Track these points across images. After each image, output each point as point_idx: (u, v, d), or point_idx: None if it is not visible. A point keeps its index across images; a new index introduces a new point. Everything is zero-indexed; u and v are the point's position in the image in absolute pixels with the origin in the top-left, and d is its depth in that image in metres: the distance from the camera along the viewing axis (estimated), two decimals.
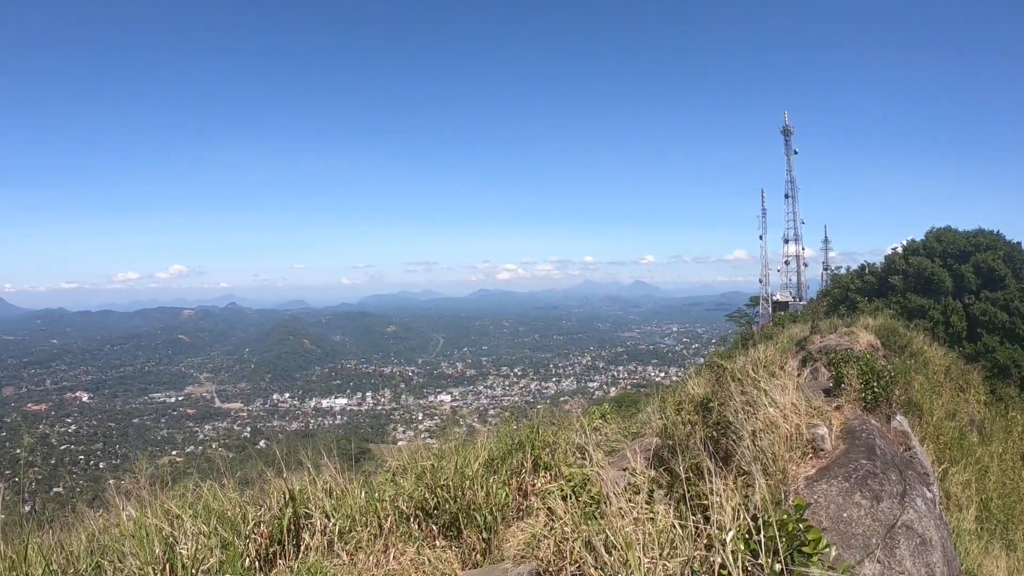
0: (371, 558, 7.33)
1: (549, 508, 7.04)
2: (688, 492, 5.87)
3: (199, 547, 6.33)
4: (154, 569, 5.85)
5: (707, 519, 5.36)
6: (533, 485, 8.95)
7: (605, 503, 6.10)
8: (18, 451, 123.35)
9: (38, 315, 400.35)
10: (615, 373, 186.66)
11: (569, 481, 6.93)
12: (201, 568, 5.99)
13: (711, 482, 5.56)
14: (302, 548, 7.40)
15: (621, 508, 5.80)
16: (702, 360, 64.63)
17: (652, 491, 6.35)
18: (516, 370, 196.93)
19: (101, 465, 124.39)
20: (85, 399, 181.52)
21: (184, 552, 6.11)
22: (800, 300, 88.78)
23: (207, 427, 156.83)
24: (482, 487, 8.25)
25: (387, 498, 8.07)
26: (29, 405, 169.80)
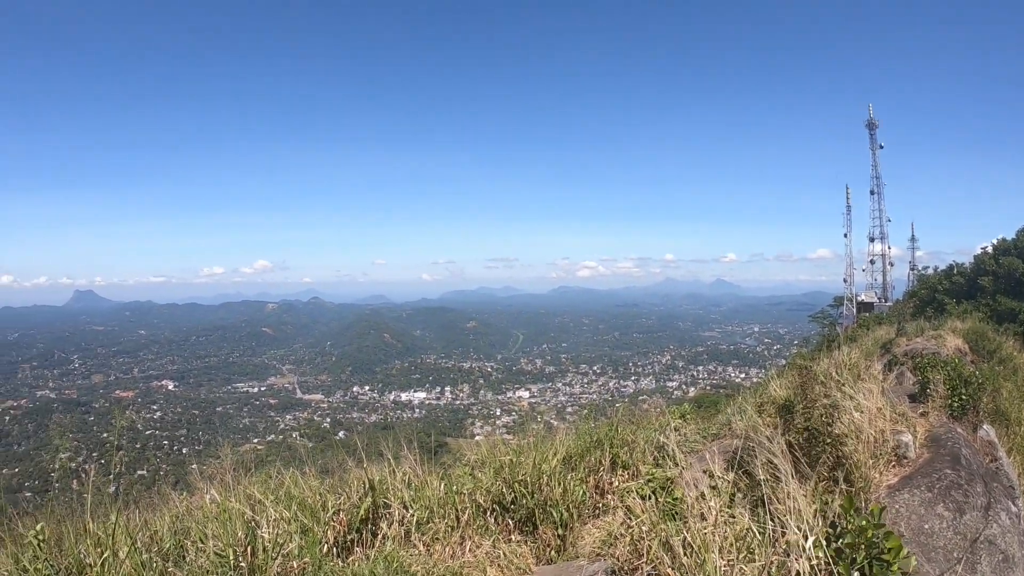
0: (447, 550, 7.40)
1: (627, 507, 6.99)
2: (766, 496, 5.80)
3: (280, 532, 6.43)
4: (236, 551, 5.95)
5: (785, 524, 5.29)
6: (610, 483, 8.91)
7: (684, 504, 6.06)
8: (105, 435, 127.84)
9: (127, 307, 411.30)
10: (694, 373, 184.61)
11: (649, 481, 6.88)
12: (281, 552, 6.08)
13: (790, 487, 5.50)
14: (379, 537, 7.49)
15: (700, 510, 5.76)
16: (783, 362, 63.65)
17: (732, 494, 6.29)
18: (595, 368, 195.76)
19: (184, 451, 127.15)
20: (171, 387, 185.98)
21: (265, 536, 6.21)
22: (885, 301, 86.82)
23: (288, 417, 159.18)
24: (559, 484, 8.25)
25: (465, 491, 8.13)
26: (117, 392, 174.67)
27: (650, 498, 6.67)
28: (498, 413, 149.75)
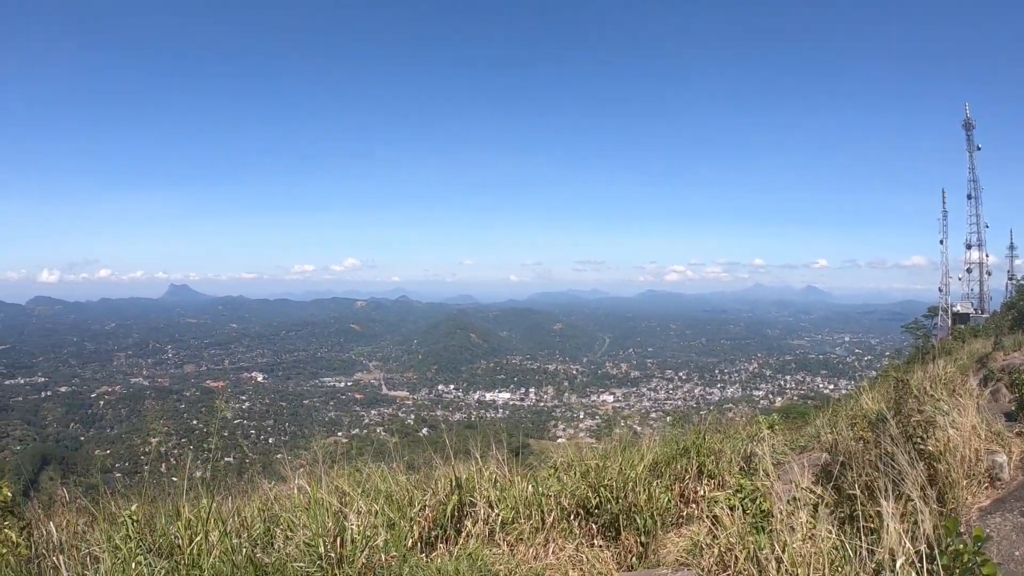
0: (531, 551, 7.40)
1: (714, 517, 6.92)
2: (855, 512, 5.70)
3: (367, 525, 6.50)
4: (325, 541, 6.03)
5: (875, 543, 5.19)
6: (695, 492, 8.81)
7: (773, 517, 5.97)
8: (195, 422, 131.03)
9: (220, 301, 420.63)
10: (782, 382, 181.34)
11: (738, 491, 6.79)
12: (369, 544, 6.14)
13: (881, 504, 5.39)
14: (463, 534, 7.51)
15: (790, 523, 5.68)
16: (874, 373, 62.23)
17: (819, 509, 6.19)
18: (681, 374, 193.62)
19: (270, 440, 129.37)
20: (260, 379, 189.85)
21: (354, 528, 6.28)
22: (982, 312, 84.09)
23: (373, 412, 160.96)
24: (644, 490, 8.14)
25: (552, 493, 8.09)
26: (208, 382, 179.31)
27: (737, 509, 6.59)
28: (581, 416, 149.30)
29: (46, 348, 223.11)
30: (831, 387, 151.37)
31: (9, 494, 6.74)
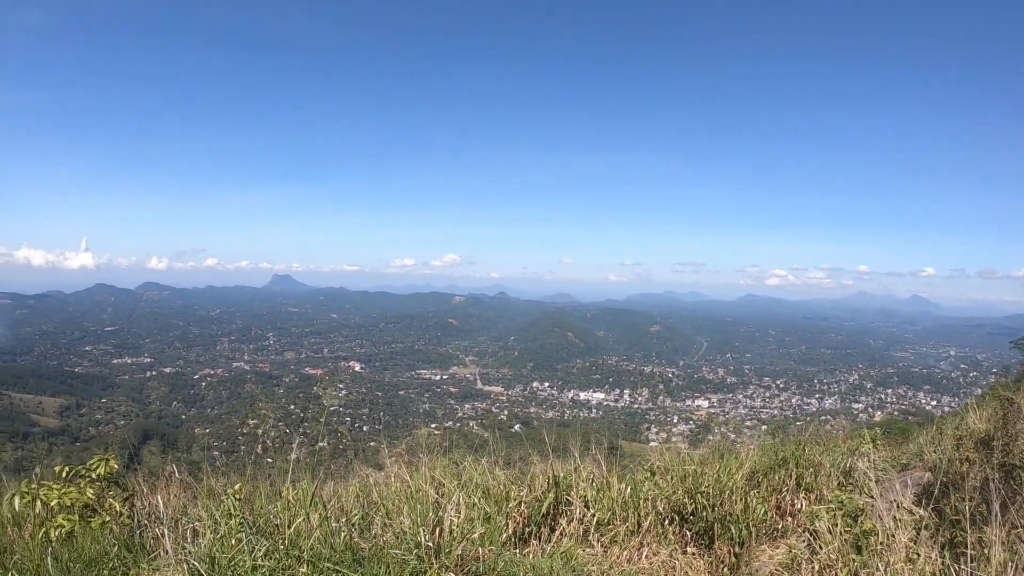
0: (624, 554, 7.36)
1: (812, 531, 6.84)
2: (956, 537, 5.58)
3: (465, 517, 6.58)
4: (424, 530, 6.12)
5: (978, 569, 5.08)
6: (792, 504, 8.69)
7: (874, 536, 5.88)
8: (292, 407, 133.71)
9: (321, 292, 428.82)
10: (882, 396, 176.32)
11: (840, 507, 6.68)
12: (466, 537, 6.22)
13: (985, 530, 5.29)
14: (557, 532, 7.54)
15: (890, 544, 5.59)
16: (979, 391, 60.42)
17: (919, 530, 6.06)
18: (778, 382, 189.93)
19: (364, 428, 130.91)
20: (357, 368, 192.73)
21: (453, 519, 6.37)
22: None
23: (467, 406, 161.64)
24: (741, 499, 8.06)
25: (649, 497, 8.07)
26: (307, 369, 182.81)
27: (838, 525, 6.50)
28: (675, 421, 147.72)
29: (153, 331, 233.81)
30: (933, 403, 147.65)
31: (115, 466, 7.02)
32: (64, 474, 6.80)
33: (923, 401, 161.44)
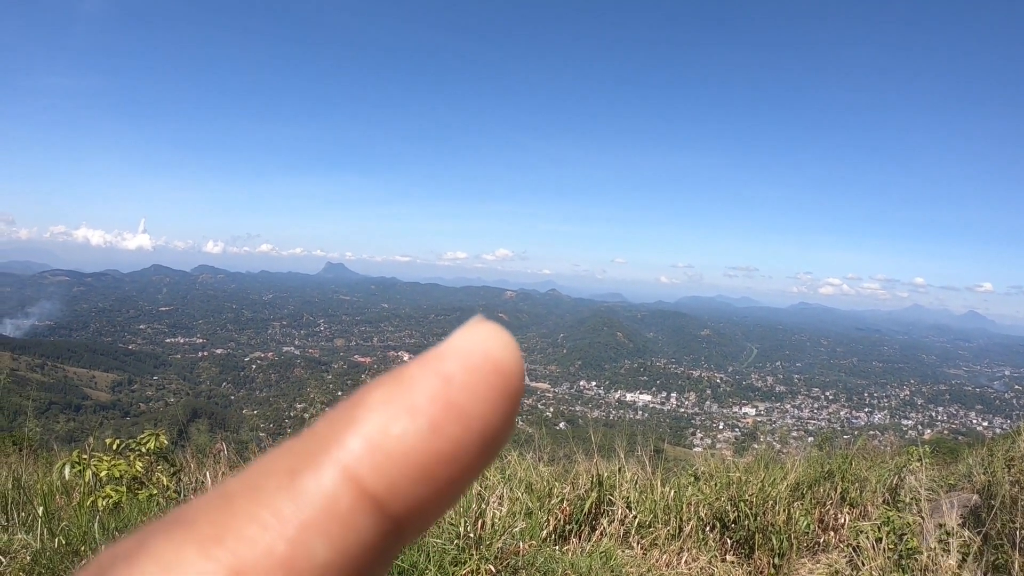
0: (664, 557, 7.32)
1: (855, 547, 6.77)
2: (998, 560, 5.51)
3: (507, 511, 6.61)
4: (466, 521, 6.15)
5: None
6: (836, 519, 8.61)
7: (919, 556, 5.81)
8: (340, 393, 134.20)
9: (373, 281, 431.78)
10: (933, 413, 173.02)
11: (886, 523, 6.60)
12: (508, 530, 6.24)
13: None
14: (597, 532, 7.52)
15: (939, 565, 5.52)
16: None
17: (966, 554, 5.97)
18: (827, 393, 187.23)
19: None
20: (406, 358, 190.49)
21: (495, 512, 6.39)
22: None
23: None
24: (784, 510, 7.98)
25: (692, 502, 8.02)
26: (356, 356, 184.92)
27: (883, 542, 6.43)
28: (720, 427, 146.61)
29: (206, 313, 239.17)
30: (984, 424, 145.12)
31: (165, 441, 7.15)
32: (115, 447, 6.93)
33: (974, 421, 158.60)
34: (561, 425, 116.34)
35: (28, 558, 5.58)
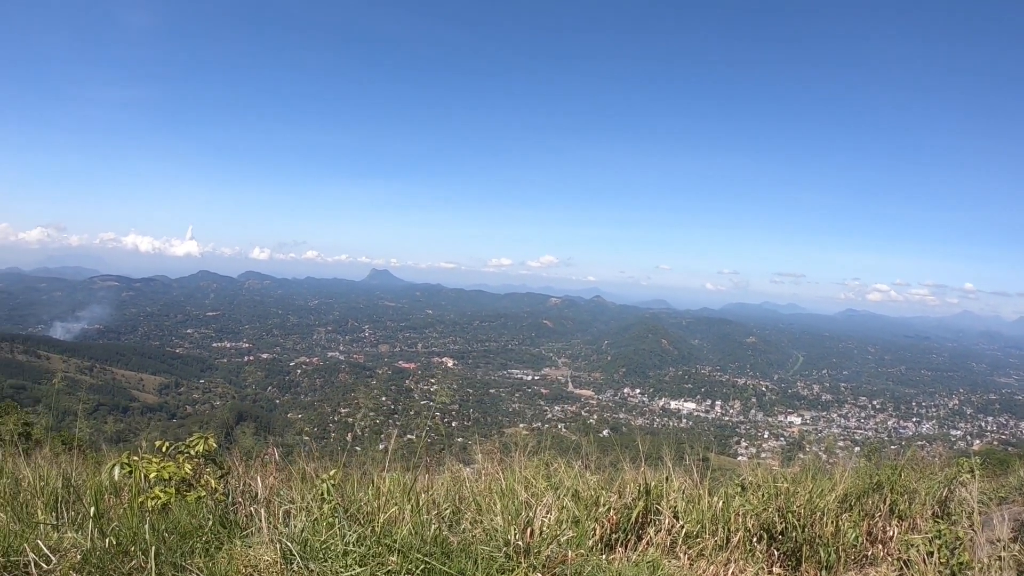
0: (711, 568, 7.26)
1: (904, 560, 6.69)
2: None
3: (555, 519, 6.61)
4: (515, 529, 6.16)
5: None
6: (884, 531, 8.50)
7: (971, 571, 5.72)
8: (384, 398, 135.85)
9: (418, 288, 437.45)
10: (983, 423, 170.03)
11: (937, 537, 6.51)
12: (556, 539, 6.24)
13: None
14: (644, 541, 7.49)
15: None
16: None
17: (1021, 572, 5.87)
18: (875, 402, 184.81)
19: (453, 424, 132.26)
20: (450, 364, 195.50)
21: (544, 520, 6.40)
22: None
23: (556, 408, 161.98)
24: (832, 522, 7.89)
25: (740, 512, 7.96)
26: (400, 362, 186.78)
27: (934, 556, 6.35)
28: (766, 436, 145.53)
29: (253, 318, 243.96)
30: None
31: (214, 445, 7.25)
32: (164, 449, 7.03)
33: None
34: (604, 432, 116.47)
35: (78, 557, 5.66)
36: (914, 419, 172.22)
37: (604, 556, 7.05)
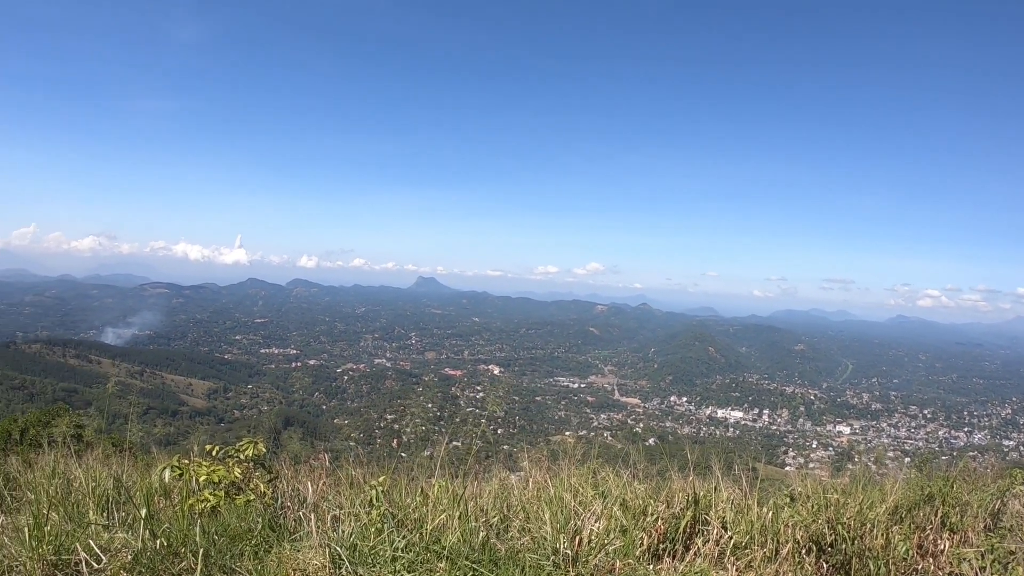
0: None
1: (956, 575, 6.59)
2: None
3: (603, 527, 6.61)
4: (564, 537, 6.17)
5: None
6: (935, 545, 8.36)
7: None
8: (429, 404, 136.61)
9: (464, 295, 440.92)
10: None
11: (990, 551, 6.41)
12: (604, 548, 6.24)
13: None
14: (691, 552, 7.42)
15: None
16: None
17: None
18: (925, 411, 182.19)
19: (499, 431, 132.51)
20: (496, 372, 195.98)
21: (593, 529, 6.41)
22: None
23: (602, 416, 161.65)
24: (882, 534, 7.72)
25: (789, 524, 7.81)
26: (446, 369, 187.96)
27: (986, 570, 6.25)
28: (814, 446, 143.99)
29: (300, 325, 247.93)
30: None
31: (263, 449, 7.34)
32: (214, 453, 7.12)
33: None
34: (650, 441, 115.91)
35: (129, 557, 5.76)
36: (965, 429, 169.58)
37: (651, 566, 7.01)
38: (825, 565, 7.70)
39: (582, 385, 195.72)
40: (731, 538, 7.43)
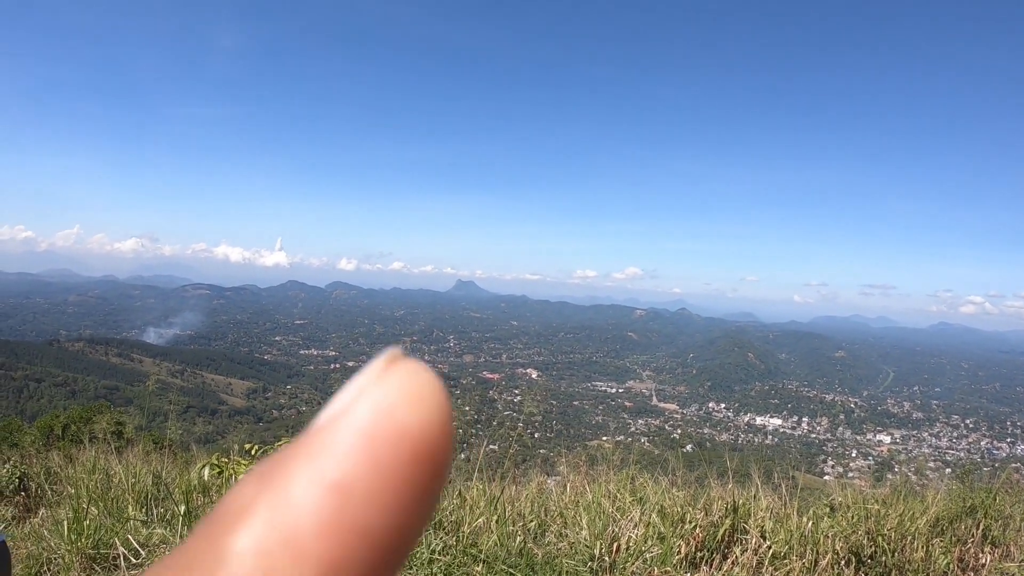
0: None
1: None
2: None
3: (642, 535, 6.58)
4: (602, 544, 6.16)
5: None
6: (976, 559, 8.25)
7: None
8: (467, 408, 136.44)
9: (503, 299, 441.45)
10: None
11: None
12: (642, 555, 6.22)
13: None
14: (729, 561, 7.37)
15: None
16: None
17: None
18: (968, 421, 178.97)
19: (536, 435, 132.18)
20: (534, 376, 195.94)
21: (631, 536, 6.39)
22: None
23: (640, 421, 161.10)
24: (923, 547, 7.64)
25: (829, 534, 7.75)
26: (484, 372, 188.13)
27: None
28: (853, 455, 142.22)
29: (340, 327, 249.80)
30: None
31: None
32: (252, 451, 7.18)
33: None
34: (688, 447, 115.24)
35: (167, 553, 5.81)
36: (1009, 439, 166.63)
37: (688, 575, 6.99)
38: None
39: (620, 390, 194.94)
40: (770, 548, 7.38)
